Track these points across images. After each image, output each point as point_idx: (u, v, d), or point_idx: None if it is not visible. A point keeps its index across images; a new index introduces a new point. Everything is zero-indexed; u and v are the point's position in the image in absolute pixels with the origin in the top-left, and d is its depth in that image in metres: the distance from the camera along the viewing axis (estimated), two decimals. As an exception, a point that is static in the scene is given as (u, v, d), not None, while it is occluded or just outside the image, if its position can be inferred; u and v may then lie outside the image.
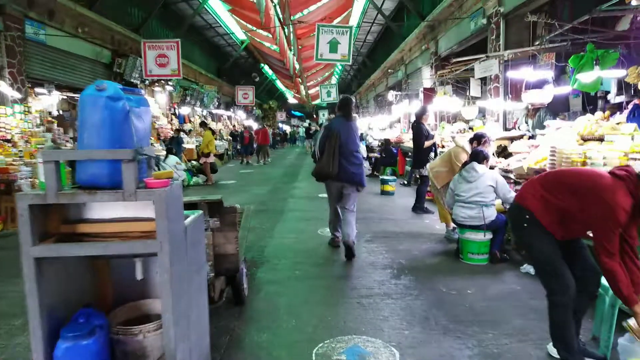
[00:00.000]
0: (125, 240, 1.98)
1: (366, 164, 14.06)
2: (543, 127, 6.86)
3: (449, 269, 4.47)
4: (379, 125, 17.90)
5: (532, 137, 6.97)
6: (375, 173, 12.43)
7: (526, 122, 7.14)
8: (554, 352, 2.70)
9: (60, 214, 2.12)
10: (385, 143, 12.40)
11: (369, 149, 14.25)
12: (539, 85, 6.32)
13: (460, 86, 9.73)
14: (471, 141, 5.40)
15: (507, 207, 4.72)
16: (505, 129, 7.75)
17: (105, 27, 11.17)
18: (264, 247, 5.31)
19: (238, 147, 19.51)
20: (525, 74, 5.49)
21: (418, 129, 6.88)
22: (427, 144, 6.82)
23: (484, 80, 9.34)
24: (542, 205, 2.58)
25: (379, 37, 21.66)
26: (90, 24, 10.48)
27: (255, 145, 18.59)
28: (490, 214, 4.55)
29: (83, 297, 2.28)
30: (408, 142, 12.27)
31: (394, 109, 14.65)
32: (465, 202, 4.61)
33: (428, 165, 5.96)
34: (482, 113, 9.40)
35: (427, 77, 13.21)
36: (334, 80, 29.29)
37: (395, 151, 12.00)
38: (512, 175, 5.06)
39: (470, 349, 2.85)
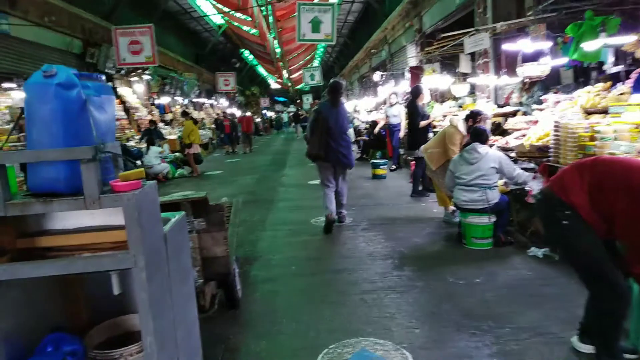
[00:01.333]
0: (93, 255, 1.66)
1: (355, 148, 13.80)
2: (538, 102, 6.64)
3: (453, 255, 4.24)
4: (366, 107, 17.55)
5: (525, 112, 6.76)
6: (364, 156, 12.15)
7: (521, 97, 6.89)
8: (580, 346, 2.48)
9: (15, 227, 1.78)
10: (372, 125, 12.11)
11: (357, 132, 13.90)
12: (534, 58, 6.06)
13: (449, 63, 9.42)
14: (466, 119, 5.13)
15: (513, 187, 4.53)
16: (499, 106, 7.50)
17: (73, 16, 10.53)
18: (256, 241, 5.02)
19: (221, 135, 18.98)
20: (522, 45, 5.21)
21: (413, 109, 6.59)
22: (422, 124, 6.54)
23: (472, 56, 9.05)
24: (588, 200, 2.22)
25: (359, 17, 21.16)
26: (58, 13, 9.86)
27: (239, 133, 18.13)
28: (494, 196, 4.30)
29: (52, 320, 1.97)
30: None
31: (380, 90, 14.31)
32: (467, 184, 4.35)
33: (422, 146, 5.69)
34: (472, 90, 9.14)
35: (412, 55, 12.89)
36: (316, 63, 28.73)
37: (383, 133, 11.71)
38: (512, 154, 4.81)
39: (488, 347, 2.61)
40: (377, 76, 15.28)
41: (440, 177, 5.32)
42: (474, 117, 4.94)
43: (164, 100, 17.60)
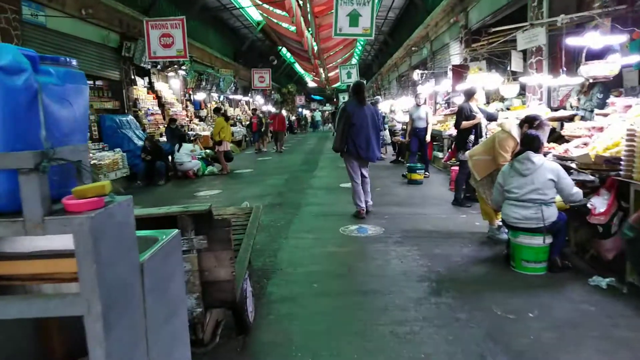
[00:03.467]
0: (33, 297, 1.28)
1: (390, 150, 13.21)
2: (599, 106, 5.91)
3: (500, 281, 3.67)
4: (403, 108, 16.87)
5: (583, 117, 6.03)
6: (400, 159, 11.55)
7: (578, 100, 6.17)
8: None
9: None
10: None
11: (392, 132, 13.24)
12: (597, 56, 5.35)
13: (499, 61, 8.70)
14: (521, 124, 4.53)
15: (572, 205, 3.91)
16: (552, 109, 6.78)
17: (111, 9, 10.49)
18: (276, 250, 4.61)
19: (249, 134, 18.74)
20: (589, 40, 4.54)
21: (460, 110, 6.03)
22: (464, 124, 5.95)
23: (524, 54, 8.31)
24: None
25: (401, 14, 20.43)
26: (95, 6, 9.82)
27: (269, 131, 17.89)
28: (551, 214, 3.71)
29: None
30: (435, 125, 11.37)
31: (420, 89, 13.63)
32: (519, 199, 3.78)
33: (468, 152, 5.12)
34: (521, 91, 8.40)
35: (456, 53, 12.17)
36: (354, 61, 28.15)
37: (403, 138, 11.07)
38: (573, 165, 4.18)
39: (550, 412, 2.09)
40: (416, 75, 14.60)
41: (486, 189, 4.74)
42: (530, 122, 4.33)
43: (200, 96, 17.57)
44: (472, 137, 5.91)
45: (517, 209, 3.79)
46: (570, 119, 6.11)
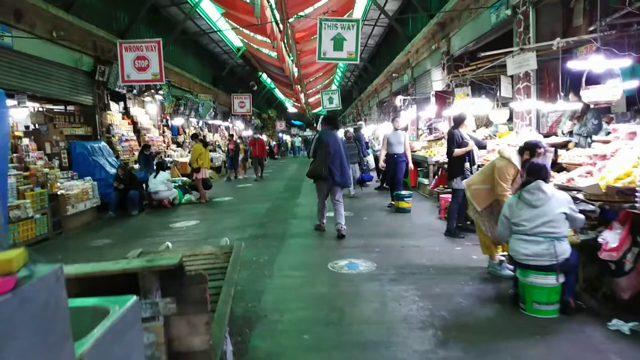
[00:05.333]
0: None
1: (374, 175, 12.90)
2: (594, 132, 5.74)
3: (512, 327, 3.29)
4: (385, 133, 16.72)
5: (577, 144, 5.86)
6: (384, 186, 11.24)
7: (573, 125, 6.00)
8: None
9: None
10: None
11: (376, 158, 12.95)
12: (589, 81, 5.20)
13: (488, 86, 8.58)
14: (521, 151, 4.26)
15: (583, 240, 3.60)
16: (543, 136, 6.61)
17: (85, 32, 10.06)
18: (260, 292, 4.15)
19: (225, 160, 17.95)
20: (592, 64, 4.36)
21: (450, 136, 5.77)
22: (457, 152, 5.68)
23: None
24: None
25: (381, 40, 20.64)
26: (68, 28, 9.38)
27: (243, 157, 17.24)
28: (564, 250, 3.39)
29: None
30: (419, 151, 11.17)
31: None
32: (529, 233, 3.45)
33: (465, 181, 4.81)
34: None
35: (438, 79, 12.12)
36: (334, 87, 28.25)
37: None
38: (579, 195, 3.90)
39: None
40: (398, 100, 14.53)
41: (485, 220, 4.42)
42: (531, 149, 4.07)
43: (178, 121, 17.10)
44: (467, 164, 5.64)
45: (527, 244, 3.45)
46: (564, 145, 5.92)
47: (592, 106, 5.04)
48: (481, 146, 6.24)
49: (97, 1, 11.24)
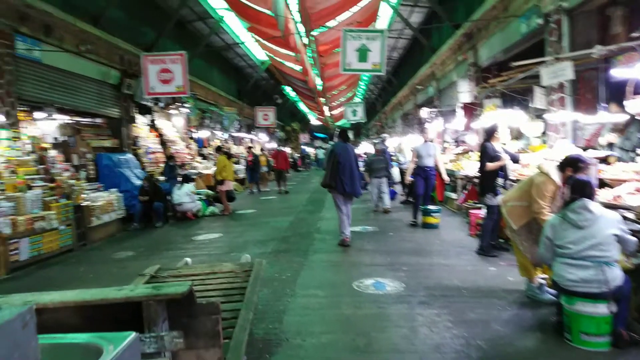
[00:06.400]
0: None
1: (398, 188, 12.60)
2: (639, 146, 5.36)
3: (557, 360, 2.99)
4: (411, 146, 16.40)
5: (620, 158, 5.48)
6: (409, 199, 10.93)
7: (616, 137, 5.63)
8: None
9: None
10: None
11: (402, 172, 12.64)
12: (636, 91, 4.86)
13: (522, 98, 8.21)
14: (562, 167, 3.95)
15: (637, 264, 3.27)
16: (582, 149, 6.24)
17: (112, 46, 10.24)
18: (282, 312, 3.94)
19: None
20: (638, 72, 4.05)
21: (482, 149, 5.48)
22: (490, 166, 5.38)
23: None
24: None
25: (405, 53, 20.42)
26: (95, 42, 9.55)
27: (265, 170, 17.07)
28: (615, 276, 3.07)
29: None
30: (446, 165, 10.83)
31: (428, 127, 13.21)
32: (575, 257, 3.15)
33: (501, 197, 4.52)
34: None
35: (464, 90, 11.80)
36: (358, 99, 28.12)
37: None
38: (629, 215, 3.58)
39: None
40: (424, 113, 14.24)
41: (523, 240, 4.12)
42: (573, 164, 3.77)
43: (203, 134, 17.23)
44: (500, 179, 5.34)
45: (572, 269, 3.15)
46: (604, 159, 5.56)
47: (637, 117, 4.69)
48: (515, 160, 5.93)
49: (124, 16, 11.44)
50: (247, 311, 2.50)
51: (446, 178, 8.58)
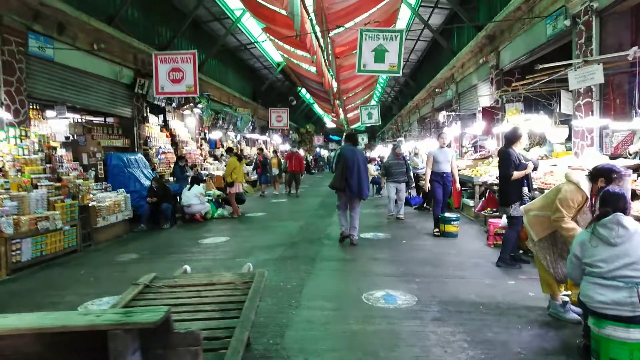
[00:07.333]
0: None
1: (413, 192, 12.22)
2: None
3: (587, 392, 2.68)
4: (427, 150, 15.99)
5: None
6: (426, 206, 10.59)
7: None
8: None
9: None
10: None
11: (416, 177, 12.14)
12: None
13: (547, 102, 7.82)
14: (593, 178, 3.61)
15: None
16: (610, 158, 5.88)
17: (125, 45, 10.17)
18: (285, 326, 3.70)
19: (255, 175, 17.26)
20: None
21: (505, 156, 5.14)
22: (516, 175, 5.05)
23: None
24: None
25: (423, 55, 20.07)
26: (108, 41, 9.49)
27: (278, 172, 16.84)
28: (652, 299, 2.75)
29: None
30: (464, 170, 10.48)
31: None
32: (606, 277, 2.84)
33: (523, 206, 4.21)
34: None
35: (485, 94, 11.44)
36: (373, 102, 27.80)
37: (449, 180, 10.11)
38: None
39: None
40: (442, 116, 13.88)
41: (547, 253, 3.81)
42: (606, 174, 3.44)
43: (216, 135, 17.14)
44: (525, 189, 5.02)
45: (603, 289, 2.84)
46: (636, 169, 5.21)
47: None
48: (535, 167, 5.59)
49: (139, 15, 11.40)
50: (242, 331, 2.27)
51: (458, 186, 8.19)
